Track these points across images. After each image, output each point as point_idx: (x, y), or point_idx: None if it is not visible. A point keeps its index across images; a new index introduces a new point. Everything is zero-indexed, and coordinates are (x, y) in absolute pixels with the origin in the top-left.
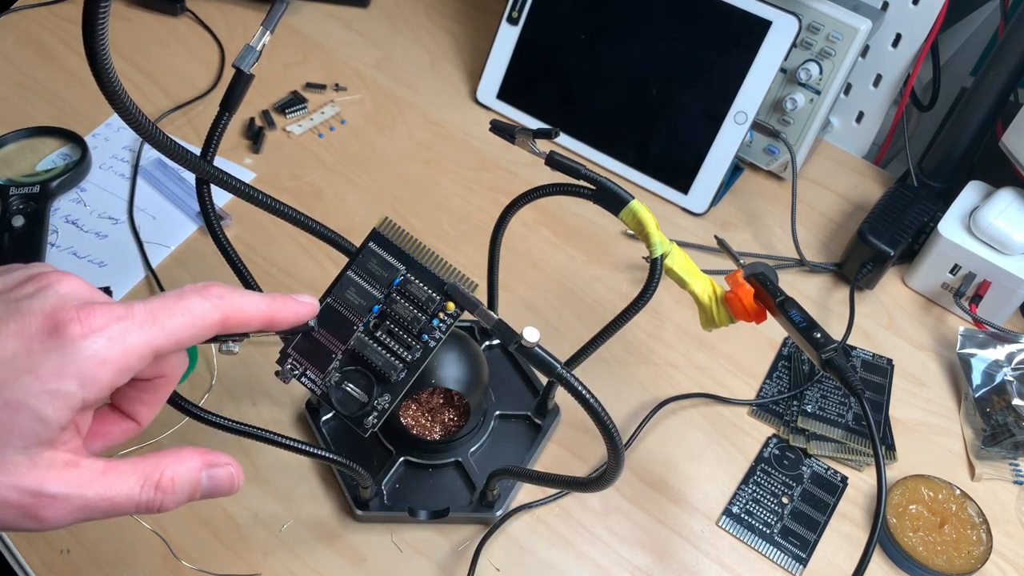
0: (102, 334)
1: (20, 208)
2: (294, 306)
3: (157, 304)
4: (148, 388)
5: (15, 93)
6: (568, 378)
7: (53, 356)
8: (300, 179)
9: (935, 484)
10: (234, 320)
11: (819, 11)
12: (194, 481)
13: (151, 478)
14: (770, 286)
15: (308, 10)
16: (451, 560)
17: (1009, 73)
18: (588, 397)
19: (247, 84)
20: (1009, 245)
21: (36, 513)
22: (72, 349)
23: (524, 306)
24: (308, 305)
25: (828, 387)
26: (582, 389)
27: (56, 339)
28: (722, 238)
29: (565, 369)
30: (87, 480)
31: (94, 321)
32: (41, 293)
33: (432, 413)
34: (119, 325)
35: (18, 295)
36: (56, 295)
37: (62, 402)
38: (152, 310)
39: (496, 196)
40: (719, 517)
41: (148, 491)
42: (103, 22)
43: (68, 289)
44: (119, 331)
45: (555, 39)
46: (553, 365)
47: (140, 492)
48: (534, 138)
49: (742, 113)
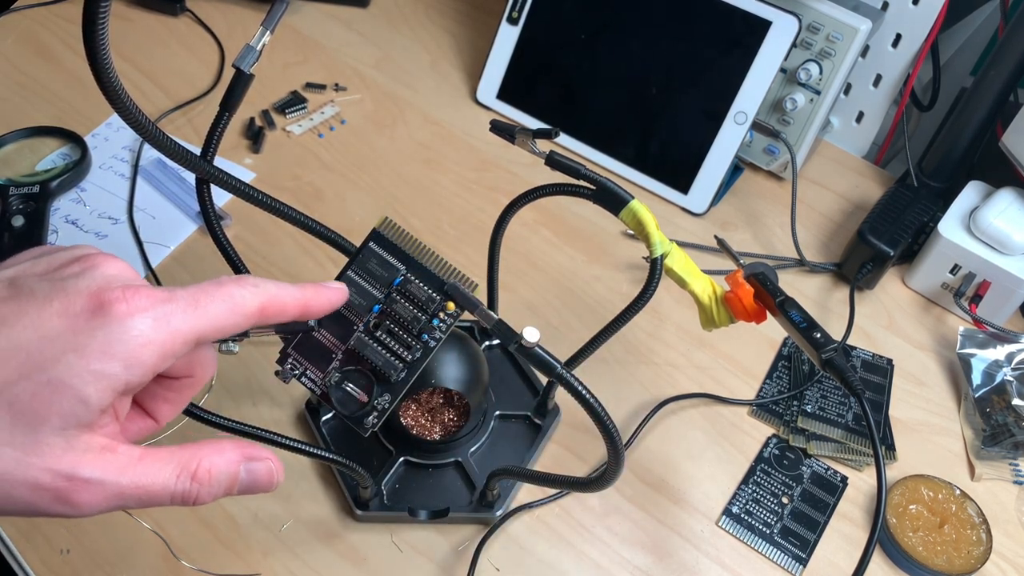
0: (147, 314)
1: (20, 208)
2: (326, 293)
3: (197, 290)
4: (174, 387)
5: (15, 93)
6: (568, 378)
7: (99, 335)
8: (300, 179)
9: (935, 484)
10: (271, 309)
11: (819, 11)
12: (232, 474)
13: (188, 468)
14: (770, 286)
15: (308, 10)
16: (451, 560)
17: (1009, 73)
18: (588, 397)
19: (247, 84)
20: (1009, 245)
21: (69, 497)
22: (118, 328)
23: (524, 306)
24: (338, 291)
25: (828, 387)
26: (582, 389)
27: (101, 318)
28: (722, 238)
29: (565, 369)
30: (123, 466)
31: (139, 301)
32: (87, 273)
33: (432, 413)
34: (164, 307)
35: (63, 275)
36: (102, 276)
37: (106, 383)
38: (194, 295)
39: (496, 196)
40: (719, 517)
41: (184, 482)
42: (103, 22)
43: (114, 271)
44: (164, 313)
45: (555, 39)
46: (553, 365)
47: (176, 482)
48: (534, 138)
49: (742, 113)
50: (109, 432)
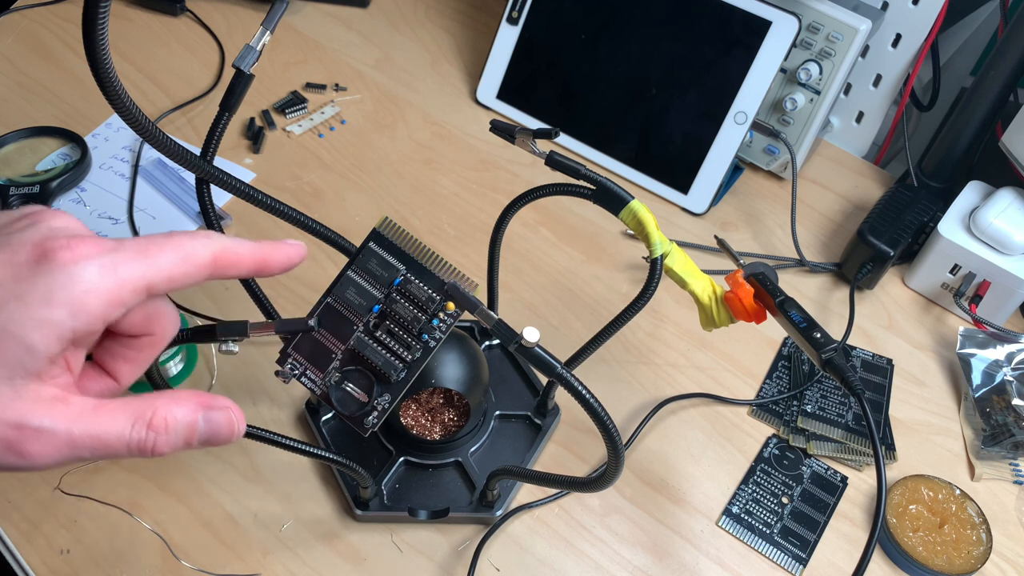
0: (92, 262)
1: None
2: (285, 248)
3: (147, 239)
4: (134, 345)
5: (15, 93)
6: (568, 378)
7: (41, 283)
8: (300, 179)
9: (935, 484)
10: (224, 260)
11: (819, 11)
12: (190, 423)
13: (143, 417)
14: (770, 286)
15: (308, 10)
16: (451, 560)
17: (1009, 73)
18: (588, 397)
19: (247, 84)
20: (1009, 245)
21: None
22: (62, 275)
23: (524, 306)
24: (298, 246)
25: (828, 387)
26: (582, 389)
27: (45, 265)
28: (722, 238)
29: (565, 369)
30: (75, 416)
31: (84, 249)
32: (34, 226)
33: (432, 413)
34: (111, 256)
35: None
36: (48, 227)
37: (50, 330)
38: (143, 244)
39: (496, 196)
40: (719, 517)
41: (140, 430)
42: (103, 22)
43: (61, 223)
44: (110, 261)
45: (555, 39)
46: (553, 365)
47: (132, 431)
48: (534, 138)
49: (742, 113)
50: (61, 383)
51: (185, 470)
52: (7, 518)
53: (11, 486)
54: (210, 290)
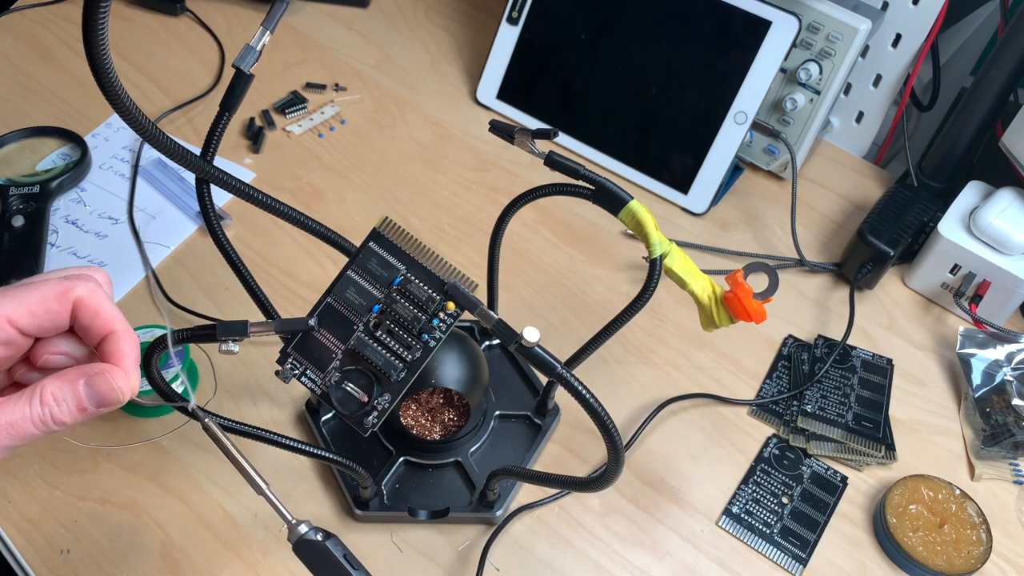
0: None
1: (20, 208)
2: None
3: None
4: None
5: (15, 93)
6: (568, 378)
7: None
8: (300, 179)
9: (935, 484)
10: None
11: (819, 11)
12: (74, 392)
13: (35, 394)
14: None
15: (308, 10)
16: (451, 560)
17: (1009, 73)
18: (588, 397)
19: (247, 84)
20: (1009, 245)
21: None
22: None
23: (524, 306)
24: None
25: (828, 387)
26: (582, 389)
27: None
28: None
29: (565, 369)
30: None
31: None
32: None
33: (432, 413)
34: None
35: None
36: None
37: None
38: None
39: (496, 196)
40: (719, 517)
41: (36, 406)
42: (103, 22)
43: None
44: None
45: (555, 39)
46: (553, 365)
47: (30, 409)
48: (533, 138)
49: (742, 113)
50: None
51: (185, 470)
52: (7, 518)
53: (11, 486)
54: (210, 290)
